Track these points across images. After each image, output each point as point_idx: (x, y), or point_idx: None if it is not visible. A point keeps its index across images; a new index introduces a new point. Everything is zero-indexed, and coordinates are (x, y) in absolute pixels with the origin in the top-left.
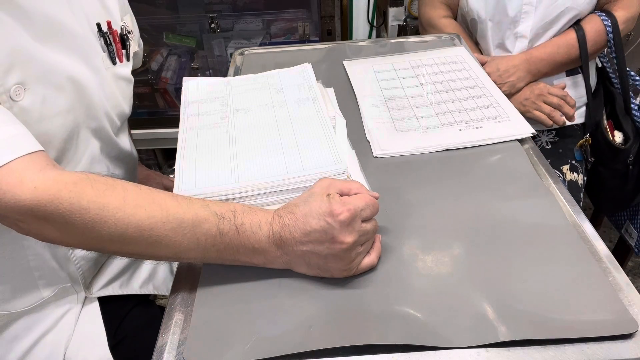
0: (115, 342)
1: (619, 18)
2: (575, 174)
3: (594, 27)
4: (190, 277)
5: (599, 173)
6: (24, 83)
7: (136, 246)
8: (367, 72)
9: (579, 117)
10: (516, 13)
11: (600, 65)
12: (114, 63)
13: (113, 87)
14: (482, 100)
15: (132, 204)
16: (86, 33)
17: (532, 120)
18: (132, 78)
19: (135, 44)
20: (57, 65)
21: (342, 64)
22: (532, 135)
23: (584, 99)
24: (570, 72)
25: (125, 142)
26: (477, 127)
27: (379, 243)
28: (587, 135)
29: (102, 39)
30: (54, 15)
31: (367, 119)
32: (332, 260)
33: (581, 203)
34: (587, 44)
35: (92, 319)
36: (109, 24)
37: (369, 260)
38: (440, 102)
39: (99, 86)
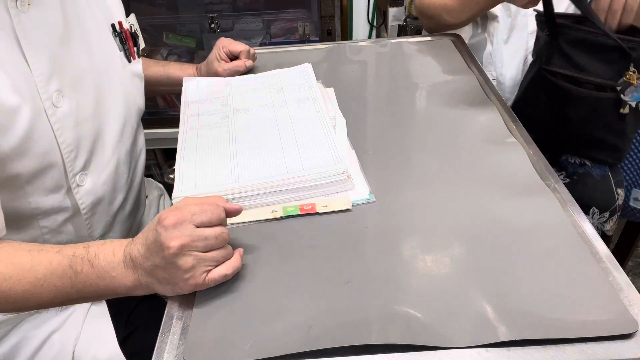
0: (124, 335)
1: None
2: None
3: None
4: None
5: None
6: (61, 90)
7: (0, 306)
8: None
9: None
10: None
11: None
12: (129, 61)
13: (131, 85)
14: None
15: None
16: (106, 34)
17: None
18: (143, 74)
19: (142, 42)
20: (84, 70)
21: (343, 64)
22: None
23: None
24: None
25: (142, 140)
26: None
27: (239, 256)
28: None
29: (117, 38)
30: (79, 19)
31: None
32: (173, 271)
33: None
34: None
35: (101, 316)
36: (120, 24)
37: (220, 270)
38: None
39: (119, 86)
